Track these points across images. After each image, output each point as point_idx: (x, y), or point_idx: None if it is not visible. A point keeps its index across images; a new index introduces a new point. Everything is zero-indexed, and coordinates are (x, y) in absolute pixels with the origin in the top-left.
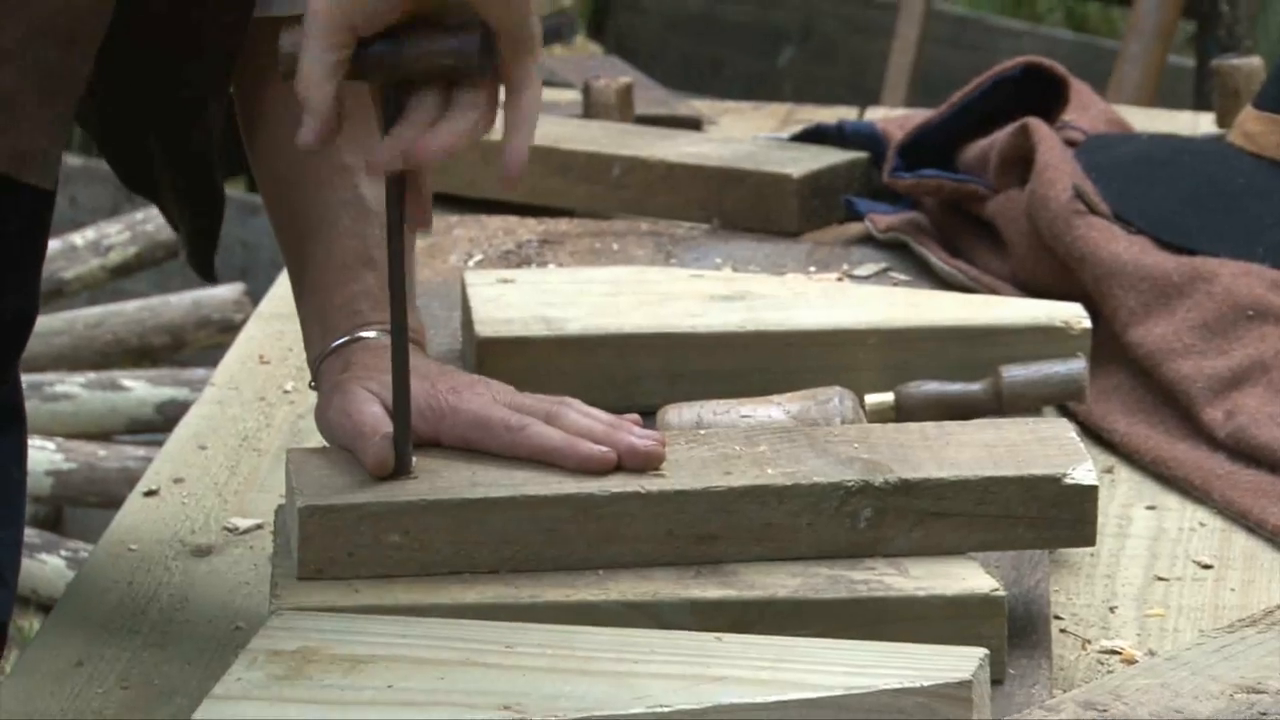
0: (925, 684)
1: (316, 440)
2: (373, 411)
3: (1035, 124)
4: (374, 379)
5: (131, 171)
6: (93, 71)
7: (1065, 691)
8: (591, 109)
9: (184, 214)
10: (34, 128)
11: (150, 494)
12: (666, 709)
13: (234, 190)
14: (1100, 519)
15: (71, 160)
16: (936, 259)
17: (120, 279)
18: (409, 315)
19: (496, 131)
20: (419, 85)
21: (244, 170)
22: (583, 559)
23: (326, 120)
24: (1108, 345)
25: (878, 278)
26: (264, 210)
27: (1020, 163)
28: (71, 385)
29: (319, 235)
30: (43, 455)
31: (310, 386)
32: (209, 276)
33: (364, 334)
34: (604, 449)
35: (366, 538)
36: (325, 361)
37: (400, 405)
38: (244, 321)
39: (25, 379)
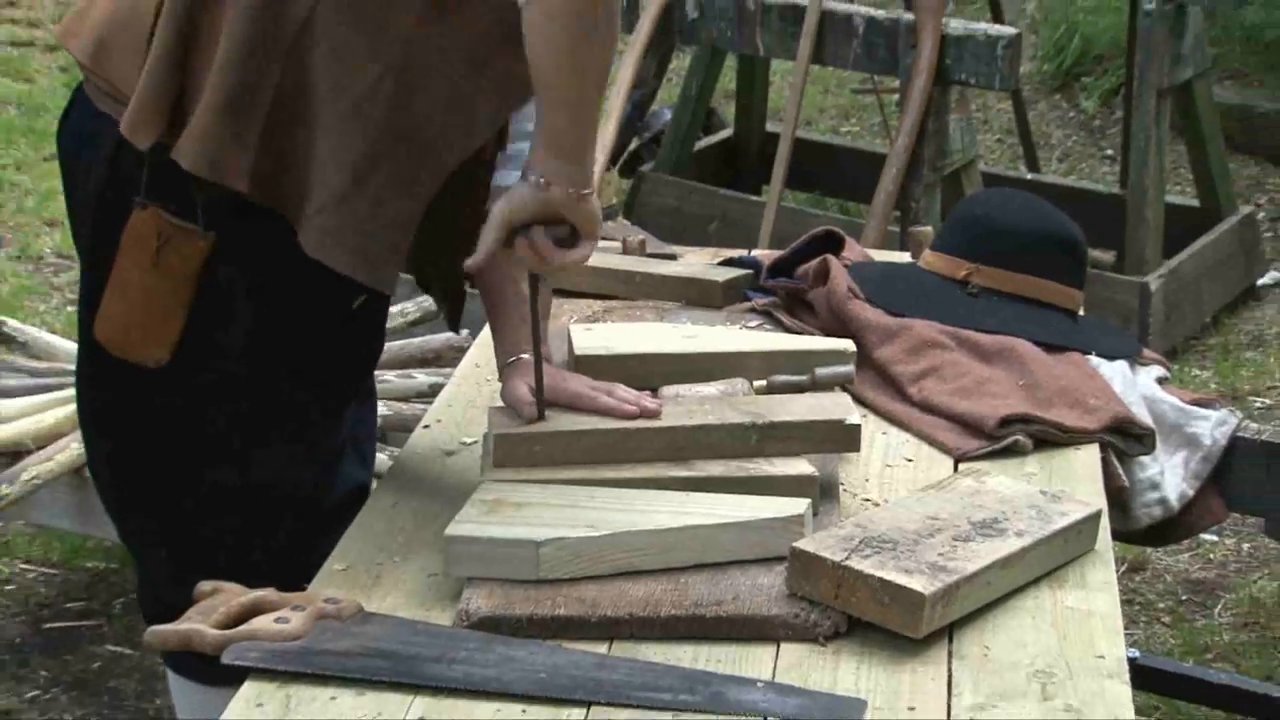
0: (780, 516)
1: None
2: (524, 391)
3: (830, 257)
4: (527, 376)
5: (419, 278)
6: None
7: (847, 518)
8: (626, 250)
9: (444, 302)
10: (389, 261)
11: (425, 427)
12: (662, 527)
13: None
14: (862, 439)
15: None
16: (787, 320)
17: (414, 328)
18: (543, 347)
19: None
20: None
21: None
22: (624, 458)
23: (487, 260)
24: (864, 359)
25: (759, 329)
26: (479, 295)
27: (823, 275)
28: (388, 375)
29: (504, 309)
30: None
31: (499, 380)
32: (456, 330)
33: (523, 356)
34: (634, 408)
35: (524, 448)
36: (504, 369)
37: (539, 386)
38: (468, 348)
39: None
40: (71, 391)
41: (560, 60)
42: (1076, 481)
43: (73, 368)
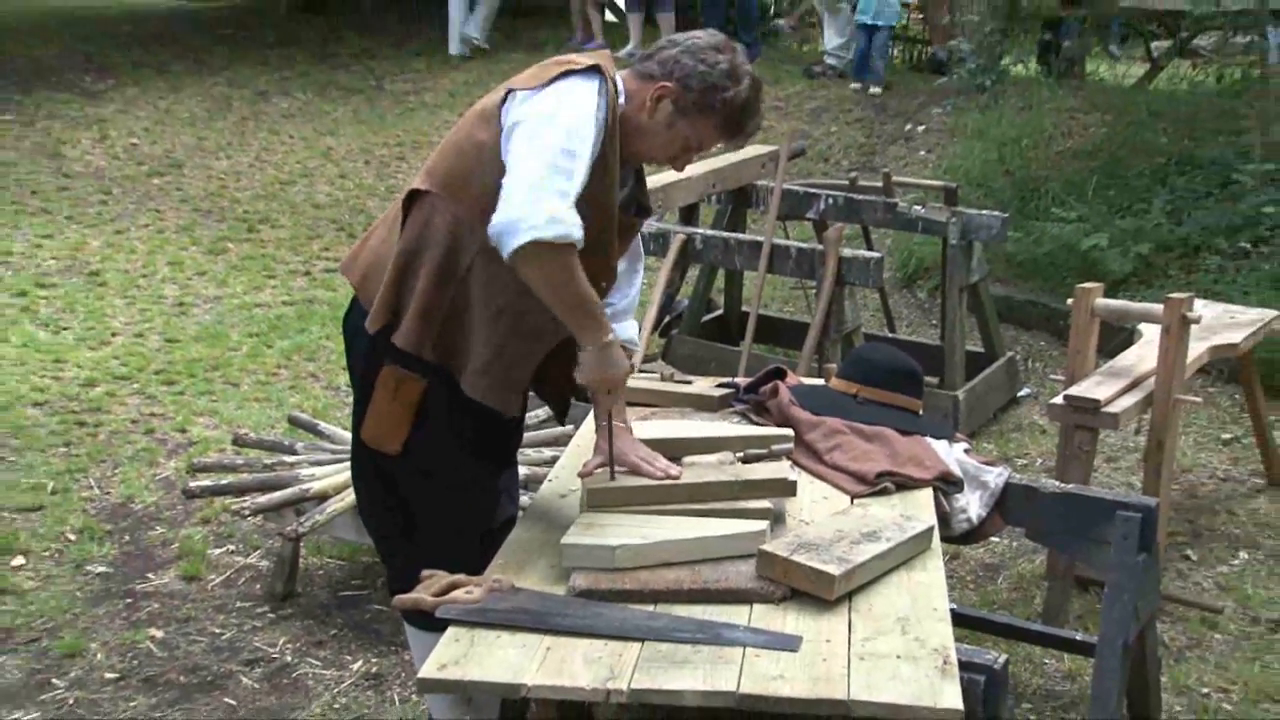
0: (752, 531)
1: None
2: (600, 458)
3: (779, 382)
4: (603, 448)
5: (540, 395)
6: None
7: (789, 532)
8: (662, 379)
9: (556, 408)
10: (515, 398)
11: (549, 481)
12: (684, 538)
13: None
14: (798, 487)
15: None
16: (755, 418)
17: (542, 424)
18: (624, 416)
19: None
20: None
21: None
22: (662, 500)
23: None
24: (798, 441)
25: (739, 424)
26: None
27: (775, 392)
28: (528, 451)
29: (598, 400)
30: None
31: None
32: (563, 424)
33: (609, 422)
34: (662, 473)
35: (604, 495)
36: (599, 427)
37: (610, 456)
38: (572, 436)
39: None
40: None
41: (548, 296)
42: (920, 509)
43: None
